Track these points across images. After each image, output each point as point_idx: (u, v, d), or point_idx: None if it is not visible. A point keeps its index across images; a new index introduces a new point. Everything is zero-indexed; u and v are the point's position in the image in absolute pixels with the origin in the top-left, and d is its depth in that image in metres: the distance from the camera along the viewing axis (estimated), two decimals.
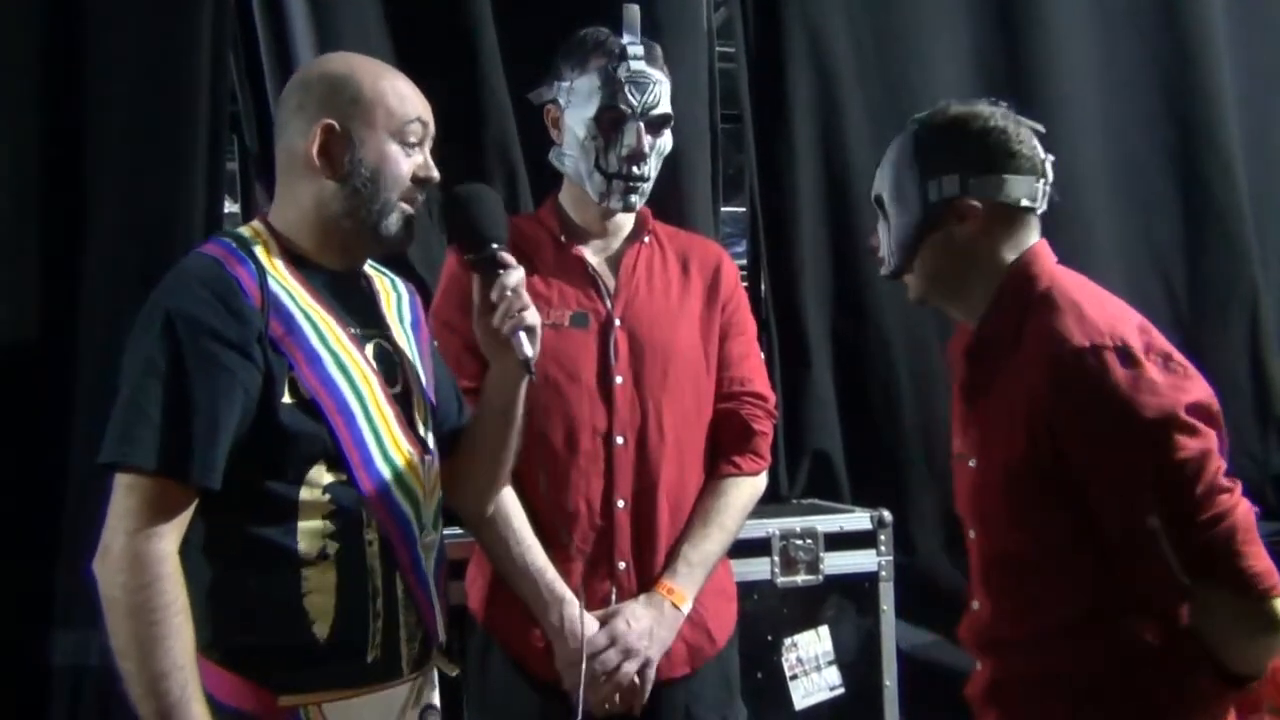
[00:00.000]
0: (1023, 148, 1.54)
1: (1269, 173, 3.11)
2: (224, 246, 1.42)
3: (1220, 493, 1.38)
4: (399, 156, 1.45)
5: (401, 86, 1.48)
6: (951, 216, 1.53)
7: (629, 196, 1.84)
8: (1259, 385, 2.98)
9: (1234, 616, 1.40)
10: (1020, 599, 1.51)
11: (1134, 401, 1.36)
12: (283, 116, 1.48)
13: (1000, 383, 1.51)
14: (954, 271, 1.56)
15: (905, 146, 1.57)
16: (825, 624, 2.27)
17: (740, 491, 1.88)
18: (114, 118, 2.23)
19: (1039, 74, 2.85)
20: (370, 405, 1.42)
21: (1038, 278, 1.52)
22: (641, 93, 1.82)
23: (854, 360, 2.73)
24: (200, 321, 1.32)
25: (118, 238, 2.22)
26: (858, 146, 2.69)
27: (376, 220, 1.45)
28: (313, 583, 1.36)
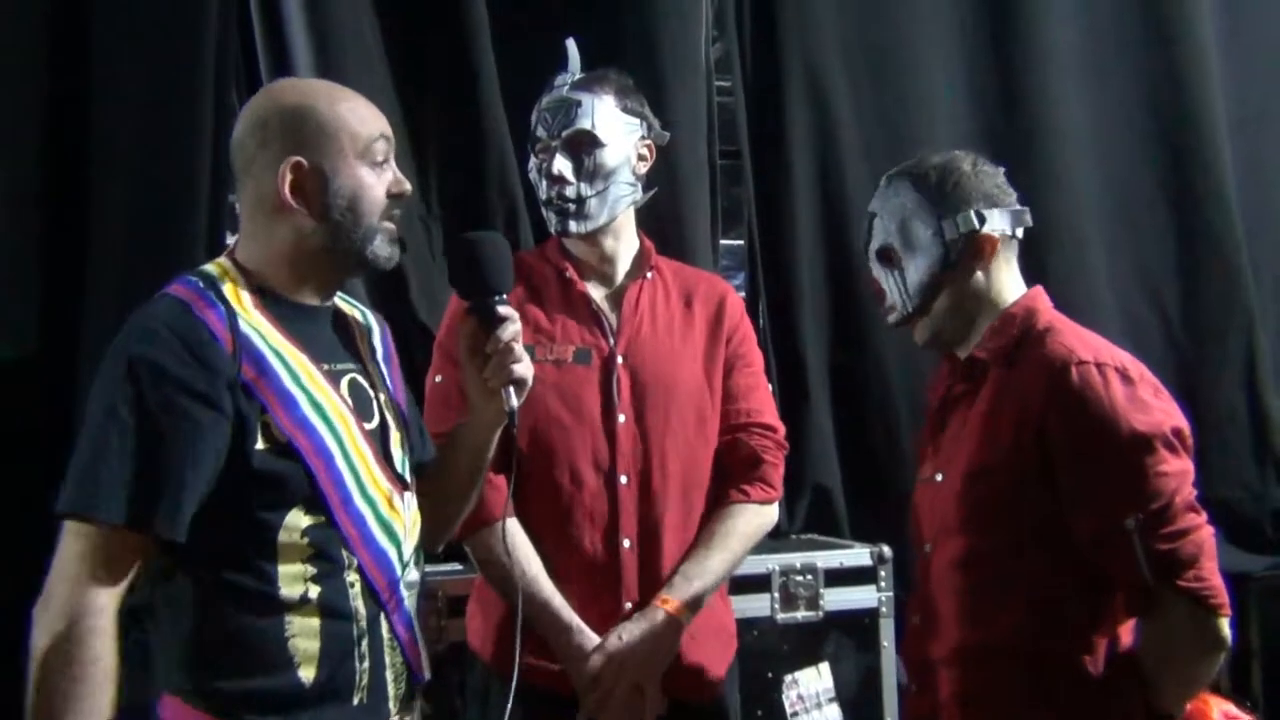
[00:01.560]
0: (1005, 183, 1.66)
1: (1263, 201, 3.13)
2: (192, 288, 1.38)
3: (1192, 510, 1.47)
4: (372, 179, 1.42)
5: (359, 107, 1.44)
6: (971, 252, 1.61)
7: (564, 220, 1.84)
8: (1256, 418, 2.99)
9: (1184, 630, 1.46)
10: (971, 610, 1.55)
11: (1129, 413, 1.46)
12: (243, 157, 1.42)
13: (985, 397, 1.58)
14: (970, 307, 1.63)
15: (907, 194, 1.63)
16: (826, 660, 2.26)
17: (747, 518, 1.87)
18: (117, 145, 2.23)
19: (1033, 106, 2.88)
20: (347, 443, 1.40)
21: (1040, 313, 1.62)
22: (554, 116, 1.83)
23: (853, 394, 2.73)
24: (166, 371, 1.29)
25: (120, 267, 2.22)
26: (855, 180, 2.71)
27: (362, 247, 1.43)
28: (296, 626, 1.34)
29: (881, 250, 1.66)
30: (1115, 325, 2.78)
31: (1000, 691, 1.52)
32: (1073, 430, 1.47)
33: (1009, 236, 1.63)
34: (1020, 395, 1.52)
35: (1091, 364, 1.49)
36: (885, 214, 1.66)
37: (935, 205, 1.61)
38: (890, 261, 1.65)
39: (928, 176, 1.62)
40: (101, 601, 1.26)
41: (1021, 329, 1.59)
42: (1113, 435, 1.45)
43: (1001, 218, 1.61)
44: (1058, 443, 1.47)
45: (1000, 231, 1.61)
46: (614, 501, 1.80)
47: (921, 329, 1.66)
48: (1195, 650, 1.48)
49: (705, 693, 1.85)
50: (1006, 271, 1.64)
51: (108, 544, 1.27)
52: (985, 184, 1.63)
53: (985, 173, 1.64)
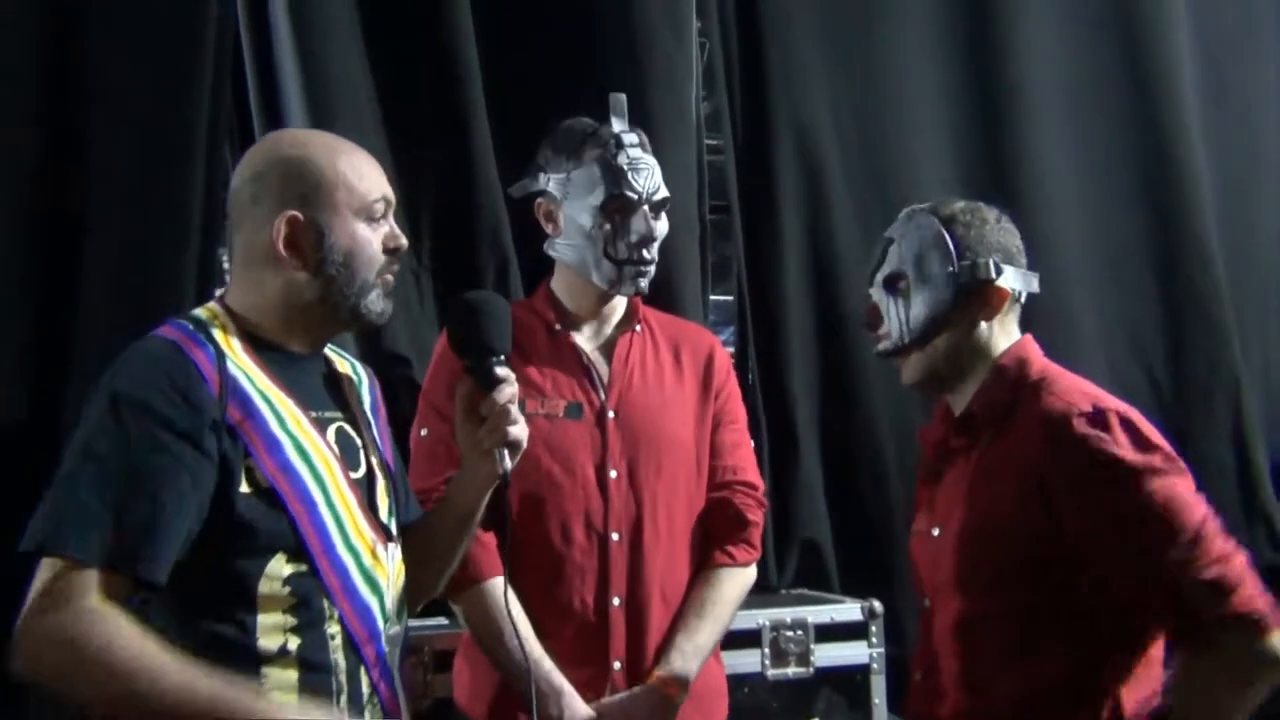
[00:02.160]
0: (1021, 246, 1.66)
1: (1247, 259, 3.16)
2: (181, 329, 1.37)
3: (1224, 537, 1.44)
4: (369, 235, 1.42)
5: (360, 164, 1.44)
6: (980, 300, 1.60)
7: (639, 280, 1.85)
8: (1244, 474, 2.99)
9: (1242, 654, 1.41)
10: (973, 671, 1.52)
11: (1140, 452, 1.44)
12: (238, 209, 1.42)
13: (984, 453, 1.56)
14: (966, 356, 1.62)
15: (929, 228, 1.62)
16: (816, 718, 2.23)
17: (735, 582, 1.87)
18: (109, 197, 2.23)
19: (1020, 168, 2.92)
20: (332, 492, 1.38)
21: (1032, 363, 1.61)
22: (644, 178, 1.84)
23: (842, 449, 2.73)
24: (151, 408, 1.27)
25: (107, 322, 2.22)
26: (844, 237, 2.73)
27: (356, 303, 1.42)
28: (273, 680, 1.30)
29: (891, 276, 1.64)
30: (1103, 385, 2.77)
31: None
32: (1082, 482, 1.45)
33: (1015, 297, 1.63)
34: (1020, 451, 1.50)
35: (1091, 411, 1.47)
36: (903, 241, 1.64)
37: (957, 245, 1.59)
38: (897, 290, 1.63)
39: (955, 217, 1.62)
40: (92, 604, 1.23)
41: (1015, 381, 1.58)
42: (1129, 478, 1.42)
43: (1015, 276, 1.61)
44: (1066, 498, 1.45)
45: (1012, 288, 1.61)
46: (605, 558, 1.78)
47: (912, 366, 1.64)
48: (1251, 674, 1.43)
49: None
50: (1003, 331, 1.63)
51: (89, 582, 1.23)
52: (1006, 240, 1.62)
53: (1007, 229, 1.64)
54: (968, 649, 1.53)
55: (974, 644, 1.52)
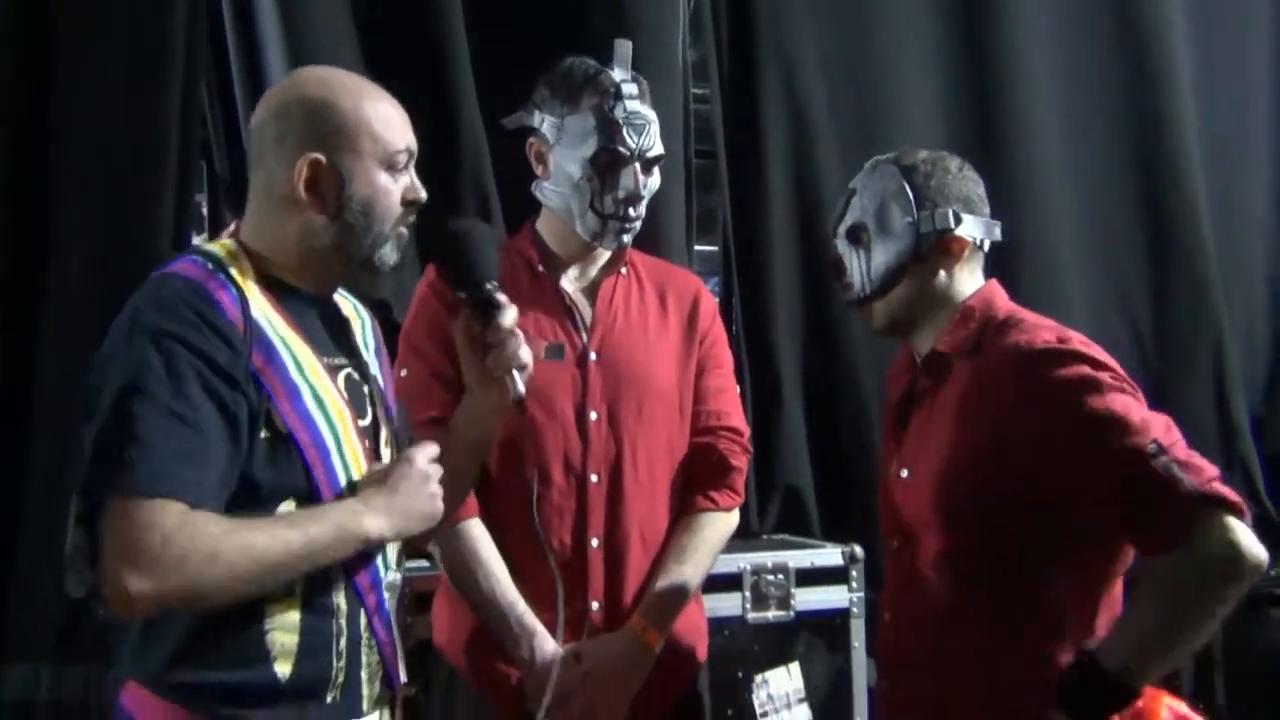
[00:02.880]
0: (984, 194, 1.67)
1: (1234, 219, 3.17)
2: (201, 268, 1.35)
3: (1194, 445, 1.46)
4: (389, 186, 1.40)
5: (386, 110, 1.41)
6: (939, 250, 1.62)
7: (623, 236, 1.84)
8: (1224, 427, 3.02)
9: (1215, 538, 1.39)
10: (936, 610, 1.54)
11: (1103, 371, 1.47)
12: (260, 145, 1.40)
13: (950, 393, 1.58)
14: (927, 303, 1.64)
15: (891, 179, 1.64)
16: (796, 661, 2.25)
17: (716, 527, 1.87)
18: (82, 146, 2.21)
19: (1007, 116, 2.91)
20: (343, 439, 1.38)
21: (999, 306, 1.64)
22: (639, 135, 1.80)
23: (825, 397, 2.74)
24: (192, 345, 1.27)
25: (82, 262, 2.20)
26: (830, 185, 2.72)
27: (370, 252, 1.41)
28: (276, 620, 1.32)
29: (853, 228, 1.67)
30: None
31: (966, 693, 1.51)
32: (1051, 409, 1.47)
33: (977, 245, 1.65)
34: (987, 388, 1.53)
35: (1054, 342, 1.51)
36: (865, 193, 1.67)
37: (916, 195, 1.62)
38: (859, 241, 1.66)
39: (916, 167, 1.64)
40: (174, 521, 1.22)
41: (982, 321, 1.60)
42: (1096, 394, 1.45)
43: (975, 224, 1.63)
44: (1035, 428, 1.47)
45: (971, 237, 1.63)
46: (583, 500, 1.78)
47: (876, 315, 1.67)
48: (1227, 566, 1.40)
49: (678, 691, 1.84)
50: (968, 276, 1.65)
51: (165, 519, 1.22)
52: (967, 188, 1.65)
53: (969, 178, 1.66)
54: (946, 584, 1.54)
55: (952, 579, 1.54)
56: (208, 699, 1.29)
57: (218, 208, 2.42)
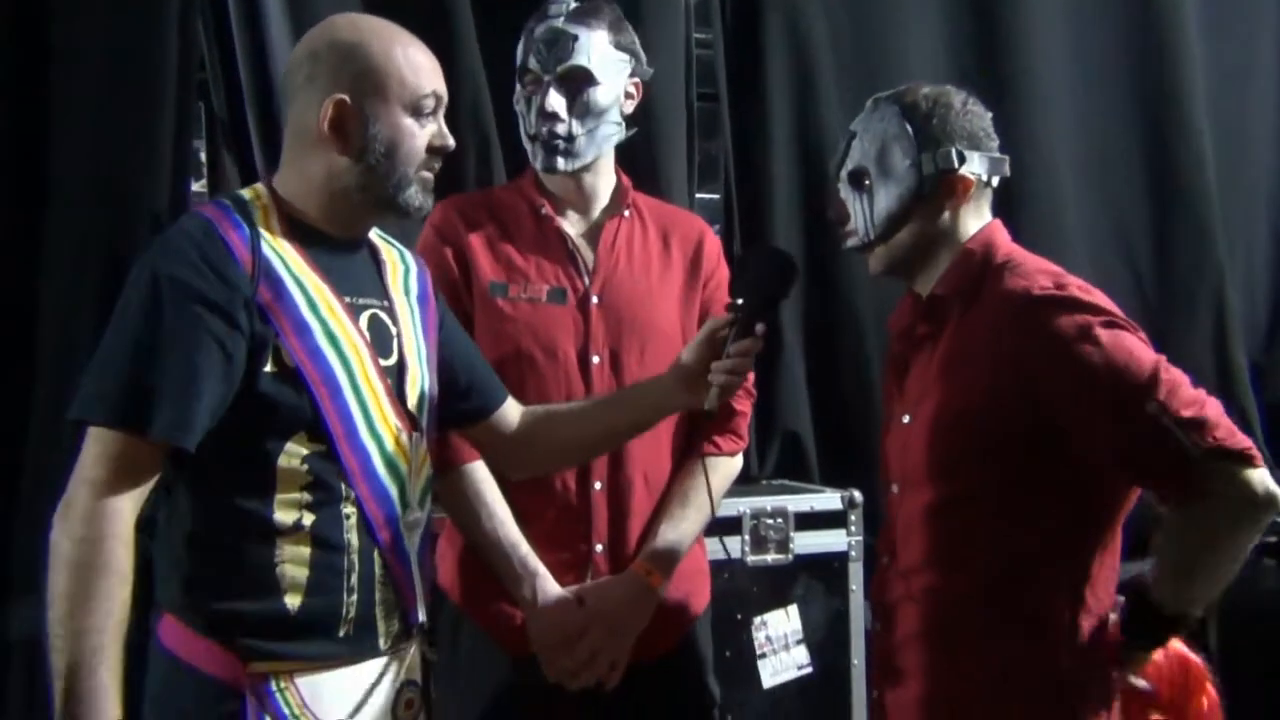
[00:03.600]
0: (991, 128, 1.63)
1: (1238, 162, 3.14)
2: (220, 208, 1.40)
3: (1193, 385, 1.46)
4: (414, 129, 1.43)
5: (415, 55, 1.44)
6: (944, 189, 1.58)
7: (552, 158, 1.80)
8: (1223, 373, 3.01)
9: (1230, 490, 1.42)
10: (938, 553, 1.55)
11: (1100, 318, 1.46)
12: (291, 87, 1.44)
13: (950, 337, 1.57)
14: (932, 244, 1.61)
15: (892, 120, 1.60)
16: (794, 603, 2.28)
17: (718, 472, 1.88)
18: (79, 90, 2.18)
19: (1012, 58, 2.87)
20: (359, 377, 1.40)
21: (998, 247, 1.61)
22: (550, 49, 1.78)
23: (826, 343, 2.74)
24: (186, 283, 1.31)
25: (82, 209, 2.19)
26: (833, 130, 2.69)
27: (394, 194, 1.43)
28: (286, 553, 1.35)
29: (855, 172, 1.63)
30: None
31: (966, 631, 1.53)
32: (1055, 355, 1.46)
33: (984, 182, 1.61)
34: (988, 333, 1.52)
35: (1052, 287, 1.49)
36: (866, 136, 1.63)
37: (918, 136, 1.57)
38: (861, 185, 1.62)
39: (916, 106, 1.60)
40: (120, 506, 1.28)
41: (981, 264, 1.58)
42: (1096, 342, 1.44)
43: (980, 161, 1.59)
44: (1041, 372, 1.46)
45: (976, 175, 1.59)
46: None
47: (877, 258, 1.64)
48: (1242, 511, 1.43)
49: (679, 632, 1.86)
50: (974, 215, 1.62)
51: (125, 451, 1.28)
52: (972, 124, 1.60)
53: (974, 113, 1.62)
54: (940, 530, 1.55)
55: (948, 524, 1.54)
56: (228, 627, 1.33)
57: (216, 153, 2.40)
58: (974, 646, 1.52)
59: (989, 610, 1.51)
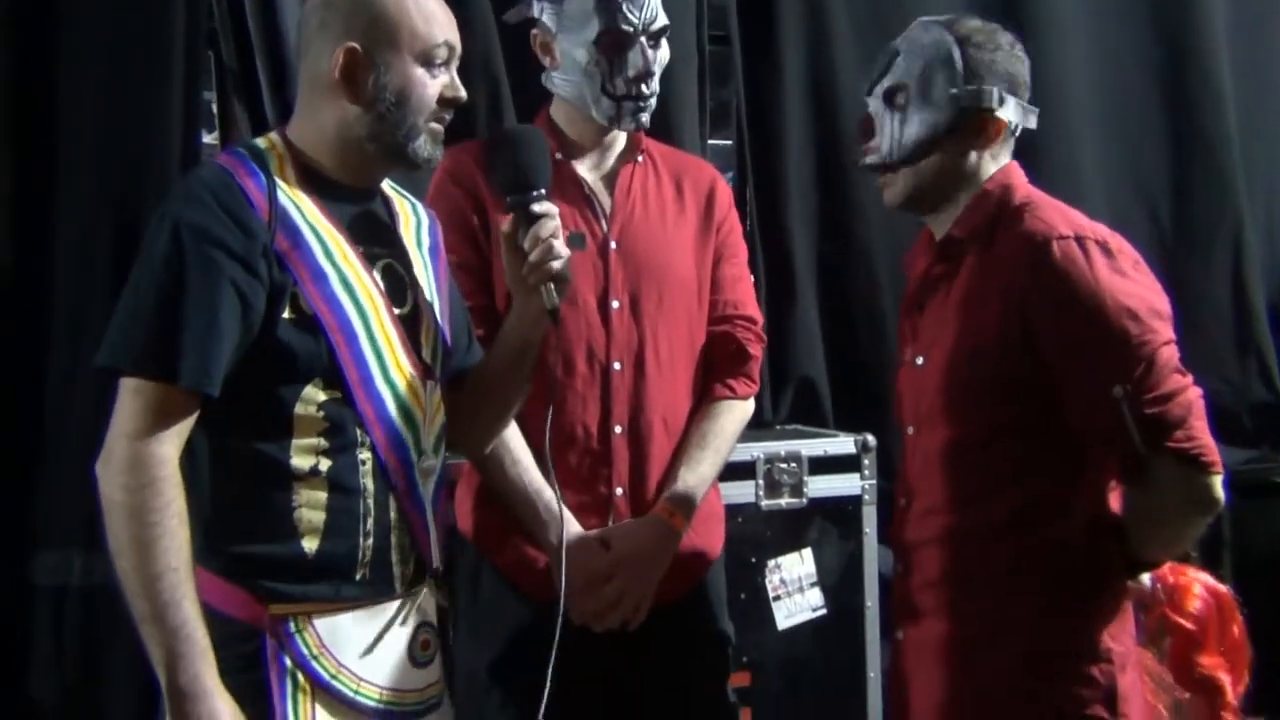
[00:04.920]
0: (1028, 78, 1.60)
1: (1258, 104, 3.11)
2: (236, 156, 1.41)
3: (1177, 372, 1.47)
4: (424, 79, 1.43)
5: (428, 5, 1.44)
6: (977, 128, 1.56)
7: (640, 115, 1.81)
8: (1240, 314, 3.01)
9: (1176, 491, 1.47)
10: (959, 491, 1.55)
11: (1113, 284, 1.45)
12: (305, 35, 1.45)
13: (965, 278, 1.56)
14: (952, 182, 1.59)
15: (941, 46, 1.56)
16: (809, 546, 2.29)
17: (734, 415, 1.88)
18: (86, 43, 2.18)
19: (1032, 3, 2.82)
20: (374, 325, 1.41)
21: (1016, 189, 1.59)
22: (639, 9, 1.77)
23: (839, 288, 2.74)
24: (205, 230, 1.32)
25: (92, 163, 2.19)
26: (846, 72, 2.67)
27: (403, 144, 1.43)
28: (303, 498, 1.37)
29: (892, 89, 1.58)
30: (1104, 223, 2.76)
31: (986, 569, 1.54)
32: (1056, 306, 1.46)
33: (1012, 130, 1.59)
34: (1001, 275, 1.51)
35: (1071, 238, 1.47)
36: (911, 54, 1.58)
37: (966, 66, 1.54)
38: (894, 104, 1.58)
39: (970, 37, 1.56)
40: (164, 451, 1.30)
41: (998, 205, 1.56)
42: (1096, 307, 1.44)
43: (1015, 108, 1.56)
44: (1042, 320, 1.46)
45: (1009, 121, 1.57)
46: (607, 387, 1.80)
47: (896, 186, 1.60)
48: (1187, 510, 1.49)
49: (696, 575, 1.88)
50: (994, 160, 1.60)
51: (159, 397, 1.30)
52: (1016, 68, 1.57)
53: (1018, 57, 1.58)
54: (957, 471, 1.55)
55: (960, 466, 1.55)
56: (247, 570, 1.36)
57: (227, 104, 2.39)
58: (993, 585, 1.53)
59: (1007, 548, 1.52)
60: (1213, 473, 1.46)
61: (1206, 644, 1.65)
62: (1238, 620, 1.67)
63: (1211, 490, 1.46)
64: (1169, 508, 1.49)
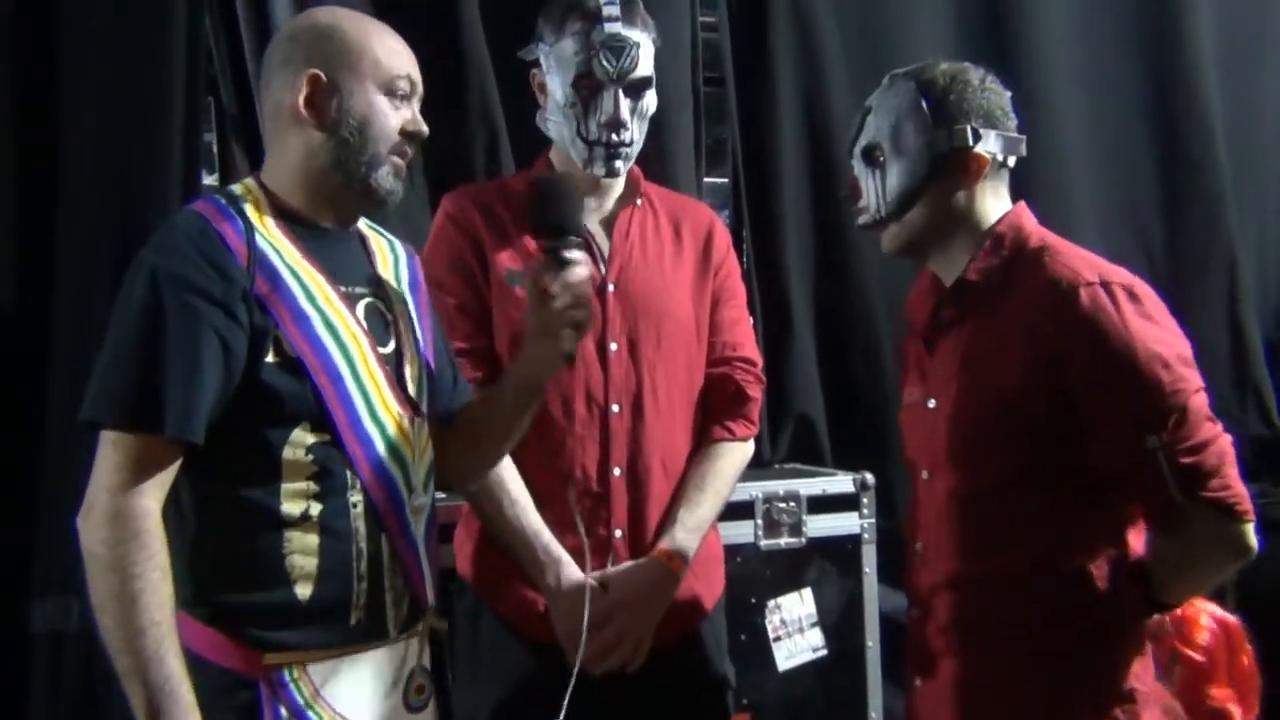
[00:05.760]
0: (1009, 107, 1.61)
1: (1247, 132, 3.13)
2: (212, 203, 1.41)
3: (1209, 420, 1.46)
4: (387, 109, 1.44)
5: (390, 41, 1.46)
6: (958, 168, 1.56)
7: (612, 163, 1.83)
8: (1236, 347, 3.01)
9: (1211, 539, 1.46)
10: (976, 539, 1.54)
11: (1144, 332, 1.44)
12: (268, 72, 1.46)
13: (983, 323, 1.55)
14: (946, 224, 1.59)
15: (907, 96, 1.57)
16: (808, 586, 2.29)
17: (733, 457, 1.89)
18: (87, 86, 2.19)
19: (1019, 33, 2.86)
20: (359, 365, 1.41)
21: (1030, 232, 1.58)
22: (617, 57, 1.79)
23: (836, 326, 2.74)
24: (184, 278, 1.31)
25: (93, 205, 2.20)
26: (840, 111, 2.69)
27: (366, 173, 1.44)
28: (295, 544, 1.36)
29: (868, 148, 1.61)
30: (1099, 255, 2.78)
31: (1006, 615, 1.52)
32: (1087, 356, 1.44)
33: (999, 162, 1.58)
34: (1024, 322, 1.49)
35: (1098, 284, 1.45)
36: (880, 112, 1.60)
37: (933, 112, 1.55)
38: (874, 161, 1.60)
39: (934, 83, 1.57)
40: (146, 504, 1.29)
41: (1012, 249, 1.55)
42: (1127, 356, 1.42)
43: (996, 141, 1.56)
44: (1070, 369, 1.45)
45: (991, 154, 1.56)
46: (605, 430, 1.80)
47: (890, 237, 1.62)
48: (1220, 558, 1.48)
49: (696, 617, 1.87)
50: (991, 195, 1.59)
51: (141, 450, 1.29)
52: (989, 102, 1.57)
53: (992, 91, 1.58)
54: (975, 517, 1.54)
55: (978, 512, 1.53)
56: (241, 620, 1.34)
57: (227, 145, 2.41)
58: (1013, 631, 1.51)
59: (1027, 595, 1.50)
60: (1246, 520, 1.45)
61: (1216, 675, 1.64)
62: (1247, 651, 1.67)
63: (1245, 538, 1.45)
64: (1201, 555, 1.48)
